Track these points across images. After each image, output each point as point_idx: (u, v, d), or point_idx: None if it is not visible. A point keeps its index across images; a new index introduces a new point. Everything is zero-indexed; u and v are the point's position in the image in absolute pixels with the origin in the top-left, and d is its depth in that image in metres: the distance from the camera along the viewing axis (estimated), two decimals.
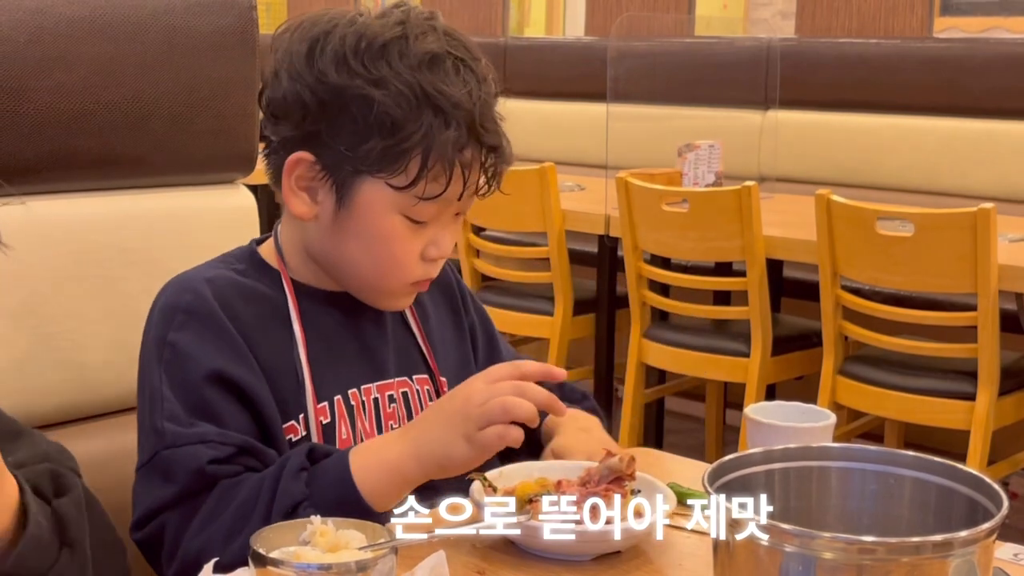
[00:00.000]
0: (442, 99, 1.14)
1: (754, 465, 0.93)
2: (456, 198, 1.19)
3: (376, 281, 1.23)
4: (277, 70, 1.19)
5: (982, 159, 3.77)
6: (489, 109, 1.19)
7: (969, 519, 0.84)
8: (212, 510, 1.12)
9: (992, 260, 2.67)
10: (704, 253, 3.32)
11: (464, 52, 1.19)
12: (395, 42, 1.16)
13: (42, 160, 1.34)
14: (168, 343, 1.17)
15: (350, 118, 1.15)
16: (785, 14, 5.44)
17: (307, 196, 1.21)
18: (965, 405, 2.80)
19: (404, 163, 1.15)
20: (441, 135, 1.14)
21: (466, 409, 1.11)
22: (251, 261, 1.26)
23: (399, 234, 1.19)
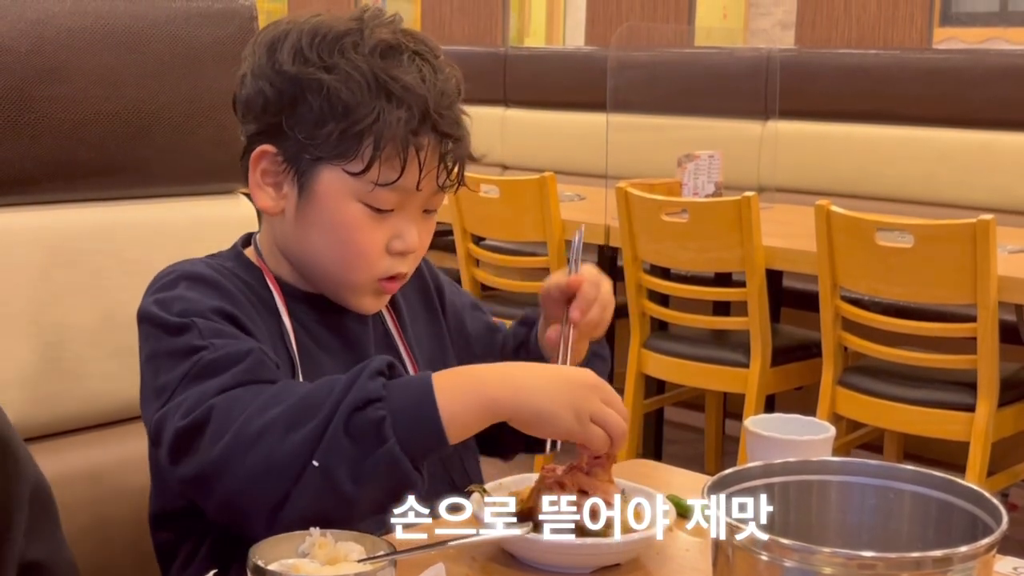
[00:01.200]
0: (393, 84, 1.16)
1: (754, 478, 0.93)
2: (414, 186, 1.19)
3: (341, 274, 1.23)
4: (244, 73, 1.23)
5: (982, 170, 3.77)
6: (446, 98, 1.19)
7: (969, 534, 0.84)
8: (277, 394, 1.07)
9: (992, 271, 2.67)
10: (704, 263, 3.32)
11: (421, 46, 1.21)
12: (350, 34, 1.19)
13: (43, 170, 1.34)
14: (175, 297, 1.17)
15: (307, 106, 1.17)
16: (785, 25, 5.45)
17: (272, 190, 1.23)
18: (964, 416, 2.80)
19: (358, 148, 1.16)
20: (392, 116, 1.15)
21: (589, 391, 1.10)
22: (238, 261, 1.28)
23: (360, 223, 1.20)
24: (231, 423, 1.05)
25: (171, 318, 1.16)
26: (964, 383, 2.83)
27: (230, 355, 1.11)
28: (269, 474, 1.03)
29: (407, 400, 1.05)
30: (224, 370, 1.10)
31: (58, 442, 1.36)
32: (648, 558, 1.14)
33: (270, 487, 1.03)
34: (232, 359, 1.11)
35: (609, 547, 1.10)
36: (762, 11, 5.86)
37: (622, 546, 1.11)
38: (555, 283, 1.28)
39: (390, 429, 1.03)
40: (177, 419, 1.09)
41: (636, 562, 1.13)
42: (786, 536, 0.81)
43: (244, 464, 1.04)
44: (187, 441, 1.08)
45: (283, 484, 1.03)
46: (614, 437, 1.11)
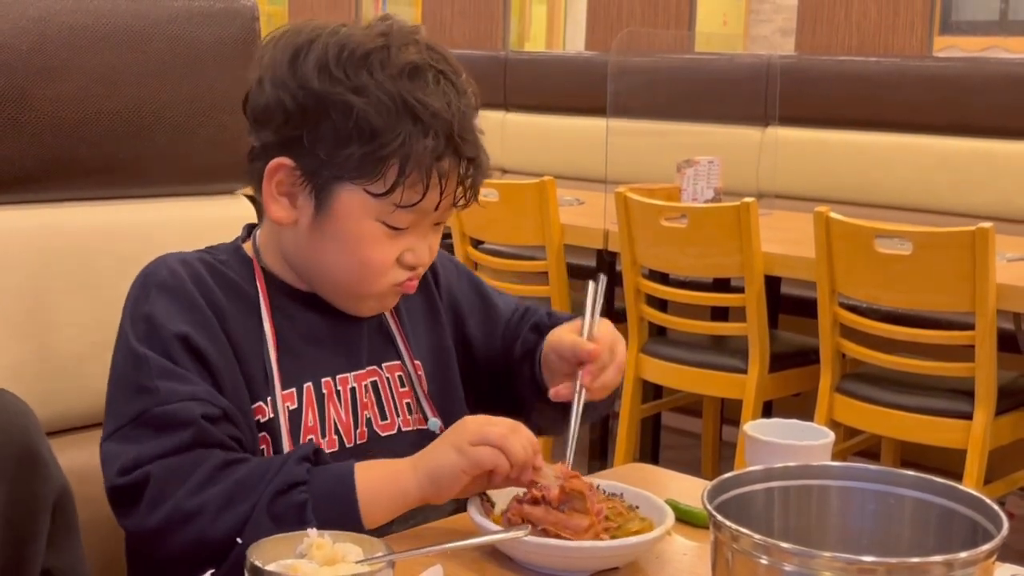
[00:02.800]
0: (421, 108, 1.16)
1: (754, 483, 0.93)
2: (433, 208, 1.20)
3: (351, 286, 1.24)
4: (261, 77, 1.21)
5: (981, 178, 3.77)
6: (468, 120, 1.20)
7: (969, 540, 0.84)
8: (211, 475, 1.12)
9: (990, 279, 2.67)
10: (702, 269, 3.32)
11: (445, 65, 1.21)
12: (377, 52, 1.18)
13: (43, 168, 1.34)
14: (143, 315, 1.19)
15: (330, 124, 1.17)
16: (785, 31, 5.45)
17: (287, 201, 1.22)
18: (962, 424, 2.80)
19: (382, 170, 1.16)
20: (419, 144, 1.16)
21: (464, 426, 1.16)
22: (235, 255, 1.28)
23: (375, 240, 1.21)
24: (167, 496, 1.11)
25: (132, 343, 1.18)
26: (962, 391, 2.83)
27: (176, 415, 1.13)
28: (200, 550, 1.09)
29: (328, 486, 1.11)
30: (165, 431, 1.13)
31: (53, 441, 1.35)
32: (646, 562, 1.14)
33: (201, 561, 1.06)
34: (176, 421, 1.13)
35: (606, 550, 1.10)
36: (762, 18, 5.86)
37: (619, 549, 1.11)
38: (570, 345, 1.27)
39: (311, 513, 1.09)
40: (115, 474, 1.14)
41: (634, 566, 1.13)
42: (786, 541, 0.81)
43: (177, 539, 1.11)
44: (124, 499, 1.14)
45: (213, 560, 1.07)
46: (503, 448, 1.12)
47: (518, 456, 1.13)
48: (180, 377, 1.15)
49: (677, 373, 3.33)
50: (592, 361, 1.25)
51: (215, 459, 1.12)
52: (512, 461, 1.13)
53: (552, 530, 1.10)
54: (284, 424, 1.21)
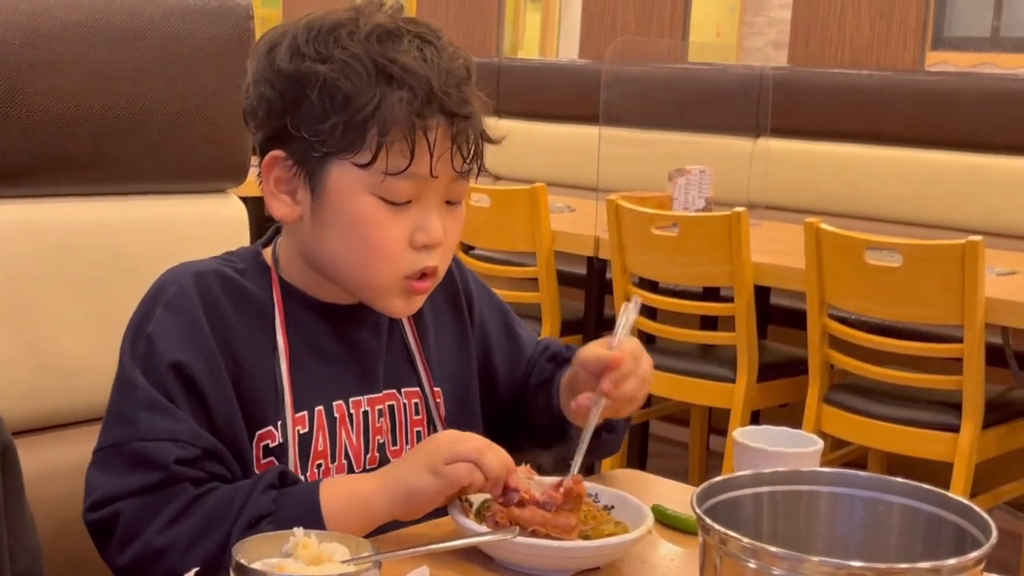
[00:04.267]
0: (392, 66, 1.12)
1: (743, 488, 0.93)
2: (428, 172, 1.14)
3: (365, 275, 1.19)
4: (248, 82, 1.20)
5: (971, 192, 3.78)
6: (452, 76, 1.15)
7: (957, 548, 0.84)
8: (179, 512, 1.11)
9: (979, 293, 2.67)
10: (692, 278, 3.32)
11: (424, 30, 1.17)
12: (346, 23, 1.15)
13: (33, 163, 1.33)
14: (145, 336, 1.17)
15: (308, 103, 1.14)
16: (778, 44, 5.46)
17: (288, 198, 1.20)
18: (949, 437, 2.81)
19: (363, 138, 1.13)
20: (395, 102, 1.11)
21: (436, 445, 1.13)
22: (254, 262, 1.25)
23: (376, 218, 1.15)
24: (136, 535, 1.11)
25: (128, 365, 1.17)
26: (949, 403, 2.83)
27: (151, 454, 1.11)
28: None
29: (295, 514, 1.08)
30: (138, 468, 1.12)
31: (44, 436, 1.35)
32: (632, 567, 1.13)
33: None
34: (149, 461, 1.11)
35: (591, 549, 1.10)
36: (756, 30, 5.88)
37: (600, 549, 1.11)
38: (594, 356, 1.23)
39: None
40: (87, 507, 1.14)
41: (615, 565, 1.12)
42: (774, 546, 0.80)
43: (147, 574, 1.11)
44: (97, 535, 1.15)
45: None
46: (478, 463, 1.10)
47: (494, 471, 1.11)
48: (164, 411, 1.13)
49: (666, 381, 3.33)
50: (614, 368, 1.20)
51: (185, 496, 1.11)
52: (487, 475, 1.11)
53: (541, 530, 1.09)
54: (293, 449, 1.19)
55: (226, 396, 1.16)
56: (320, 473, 1.20)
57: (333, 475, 1.20)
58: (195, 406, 1.15)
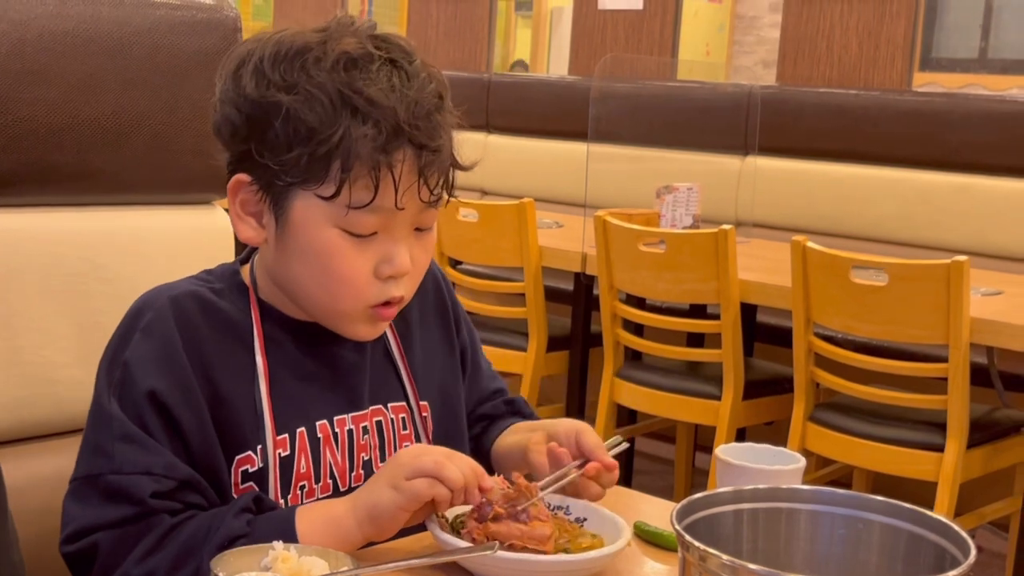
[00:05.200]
0: (358, 98, 1.09)
1: (723, 504, 0.93)
2: (394, 206, 1.11)
3: (330, 304, 1.17)
4: (215, 103, 1.18)
5: (957, 212, 3.80)
6: (420, 107, 1.11)
7: (936, 566, 0.84)
8: (156, 543, 1.10)
9: (964, 313, 2.68)
10: (679, 295, 3.33)
11: (396, 52, 1.14)
12: (312, 48, 1.12)
13: (19, 172, 1.33)
14: (121, 363, 1.15)
15: (272, 131, 1.11)
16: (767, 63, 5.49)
17: (254, 220, 1.18)
18: (933, 456, 2.81)
19: (327, 170, 1.10)
20: (359, 136, 1.08)
21: (397, 461, 1.12)
22: (231, 281, 1.23)
23: (339, 250, 1.13)
24: (115, 566, 1.10)
25: (103, 394, 1.15)
26: (934, 423, 2.84)
27: (125, 488, 1.11)
28: None
29: (270, 535, 1.05)
30: (112, 502, 1.11)
31: (24, 447, 1.34)
32: None
33: None
34: (125, 494, 1.11)
35: (568, 564, 1.10)
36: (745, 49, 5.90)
37: (581, 563, 1.11)
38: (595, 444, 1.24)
39: None
40: (63, 538, 1.13)
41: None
42: (754, 563, 0.80)
43: None
44: (72, 565, 1.14)
45: None
46: (438, 477, 1.09)
47: (456, 482, 1.09)
48: (139, 443, 1.11)
49: (651, 398, 3.33)
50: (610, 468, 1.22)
51: (161, 527, 1.11)
52: (451, 487, 1.09)
53: (518, 544, 1.09)
54: (274, 474, 1.17)
55: (202, 423, 1.14)
56: (304, 495, 1.19)
57: (318, 496, 1.19)
58: (171, 434, 1.13)
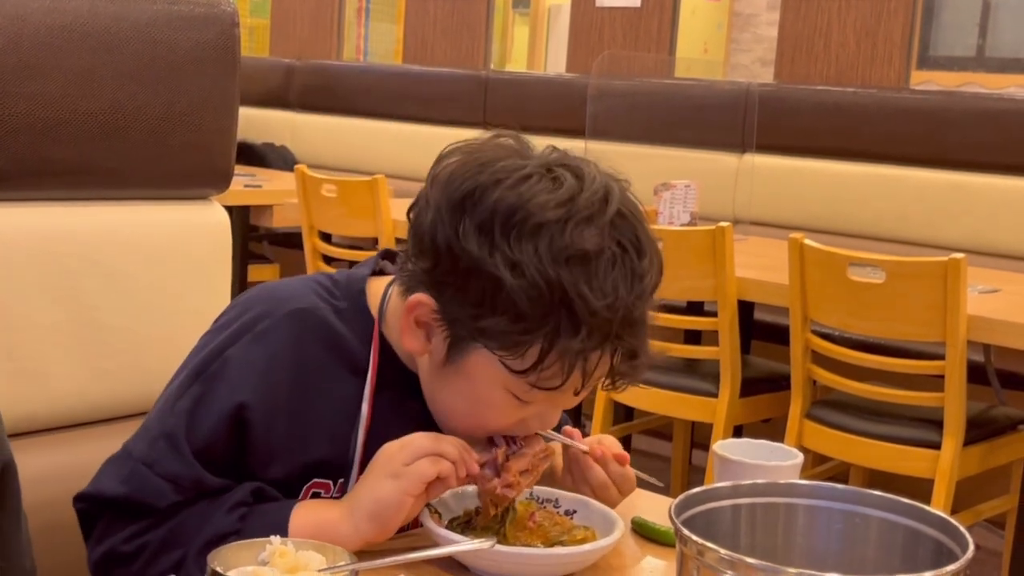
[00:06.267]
0: (580, 303, 1.04)
1: (721, 499, 0.92)
2: (573, 392, 1.11)
3: (463, 429, 1.16)
4: (428, 196, 1.11)
5: (955, 211, 3.80)
6: (635, 314, 1.08)
7: (935, 561, 0.84)
8: (151, 523, 1.12)
9: (961, 310, 2.68)
10: (676, 292, 3.32)
11: (631, 241, 1.08)
12: (550, 226, 1.04)
13: (15, 167, 1.33)
14: (224, 358, 1.14)
15: (478, 289, 1.06)
16: (765, 61, 5.49)
17: (423, 334, 1.14)
18: (930, 454, 2.81)
19: (524, 351, 1.06)
20: (568, 339, 1.05)
21: (387, 455, 1.11)
22: (356, 302, 1.19)
23: (500, 406, 1.12)
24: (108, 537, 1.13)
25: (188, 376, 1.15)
26: (931, 420, 2.84)
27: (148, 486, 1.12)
28: None
29: (262, 533, 1.04)
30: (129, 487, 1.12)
31: (19, 443, 1.33)
32: (598, 569, 1.13)
33: None
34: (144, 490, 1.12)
35: (564, 556, 1.11)
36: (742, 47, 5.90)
37: (577, 555, 1.11)
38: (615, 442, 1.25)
39: None
40: (79, 494, 1.16)
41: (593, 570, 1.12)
42: (751, 558, 0.80)
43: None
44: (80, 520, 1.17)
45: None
46: (437, 452, 1.09)
47: (453, 453, 1.09)
48: (178, 450, 1.12)
49: (648, 395, 3.33)
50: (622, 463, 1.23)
51: (164, 508, 1.12)
52: (451, 459, 1.09)
53: (535, 470, 1.12)
54: None
55: (283, 445, 1.14)
56: None
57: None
58: (241, 448, 1.14)
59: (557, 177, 1.08)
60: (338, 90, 5.56)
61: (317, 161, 5.05)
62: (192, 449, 1.13)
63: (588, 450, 1.23)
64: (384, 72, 5.74)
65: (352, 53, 7.19)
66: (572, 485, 1.24)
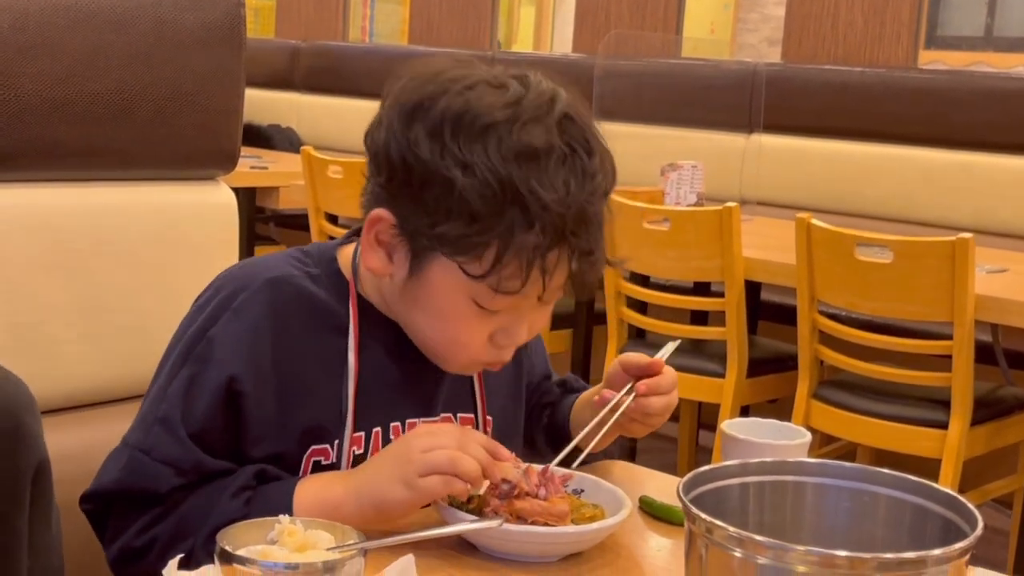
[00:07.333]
0: (531, 198, 1.06)
1: (729, 477, 0.92)
2: (536, 297, 1.11)
3: (438, 351, 1.18)
4: (381, 117, 1.14)
5: (963, 190, 3.79)
6: (588, 212, 1.09)
7: (943, 538, 0.84)
8: (160, 514, 1.13)
9: (969, 290, 2.68)
10: (683, 272, 3.32)
11: (580, 142, 1.10)
12: (498, 126, 1.07)
13: (22, 148, 1.33)
14: (207, 338, 1.15)
15: (432, 195, 1.08)
16: (772, 41, 5.47)
17: (384, 253, 1.15)
18: (937, 433, 2.81)
19: (480, 252, 1.08)
20: (522, 235, 1.06)
21: (409, 454, 1.10)
22: (329, 268, 1.22)
23: (465, 317, 1.13)
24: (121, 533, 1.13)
25: (175, 361, 1.16)
26: (938, 400, 2.84)
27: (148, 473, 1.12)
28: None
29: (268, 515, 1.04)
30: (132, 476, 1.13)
31: None
32: (620, 557, 1.13)
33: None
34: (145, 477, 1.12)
35: (572, 535, 1.11)
36: (750, 26, 5.88)
37: (586, 534, 1.12)
38: (637, 357, 1.26)
39: None
40: (83, 494, 1.16)
41: (607, 561, 1.12)
42: (760, 535, 0.80)
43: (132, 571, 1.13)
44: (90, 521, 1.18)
45: None
46: (454, 473, 1.08)
47: (472, 473, 1.08)
48: (175, 434, 1.12)
49: None
50: (654, 373, 1.25)
51: (168, 501, 1.13)
52: (467, 480, 1.08)
53: (540, 520, 1.10)
54: (347, 468, 1.18)
55: (278, 412, 1.15)
56: None
57: None
58: (238, 421, 1.14)
59: (504, 84, 1.11)
60: (344, 71, 5.55)
61: (323, 142, 5.05)
62: (188, 432, 1.13)
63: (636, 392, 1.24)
64: (390, 53, 5.73)
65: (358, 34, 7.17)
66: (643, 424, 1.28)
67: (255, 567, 0.89)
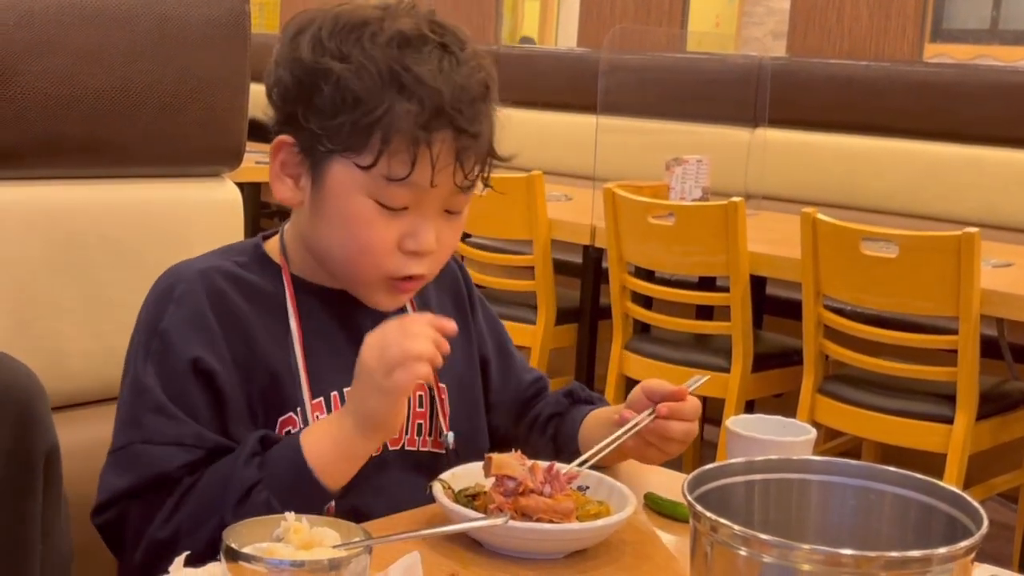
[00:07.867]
0: (406, 75, 1.13)
1: (734, 475, 0.92)
2: (427, 183, 1.15)
3: (351, 269, 1.21)
4: (272, 61, 1.21)
5: (968, 184, 3.78)
6: (465, 92, 1.15)
7: (949, 536, 0.83)
8: (177, 502, 1.13)
9: (975, 284, 2.67)
10: (688, 267, 3.32)
11: (449, 38, 1.17)
12: (370, 23, 1.16)
13: (26, 145, 1.33)
14: (158, 332, 1.18)
15: (320, 97, 1.15)
16: (777, 34, 5.46)
17: (291, 182, 1.21)
18: (943, 428, 2.81)
19: (368, 140, 1.14)
20: (402, 111, 1.12)
21: (368, 364, 1.11)
22: (254, 255, 1.26)
23: (367, 219, 1.17)
24: (143, 533, 1.14)
25: (139, 367, 1.18)
26: (943, 395, 2.83)
27: (156, 458, 1.14)
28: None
29: (284, 476, 1.10)
30: (142, 470, 1.14)
31: None
32: (625, 554, 1.13)
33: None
34: (154, 464, 1.14)
35: (578, 532, 1.11)
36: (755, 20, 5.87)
37: (590, 531, 1.12)
38: (661, 383, 1.28)
39: (277, 505, 1.08)
40: (93, 509, 1.17)
41: (613, 558, 1.12)
42: (765, 534, 0.80)
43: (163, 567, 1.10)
44: (104, 535, 1.18)
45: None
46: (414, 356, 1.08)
47: (426, 352, 1.09)
48: (169, 415, 1.15)
49: (660, 370, 3.33)
50: (678, 399, 1.25)
51: (182, 486, 1.14)
52: (425, 359, 1.09)
53: (544, 517, 1.10)
54: None
55: (242, 386, 1.18)
56: None
57: None
58: (213, 399, 1.16)
59: (376, 4, 1.20)
60: None
61: None
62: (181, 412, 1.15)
63: (656, 414, 1.25)
64: None
65: None
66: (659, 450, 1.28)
67: (261, 564, 0.90)
